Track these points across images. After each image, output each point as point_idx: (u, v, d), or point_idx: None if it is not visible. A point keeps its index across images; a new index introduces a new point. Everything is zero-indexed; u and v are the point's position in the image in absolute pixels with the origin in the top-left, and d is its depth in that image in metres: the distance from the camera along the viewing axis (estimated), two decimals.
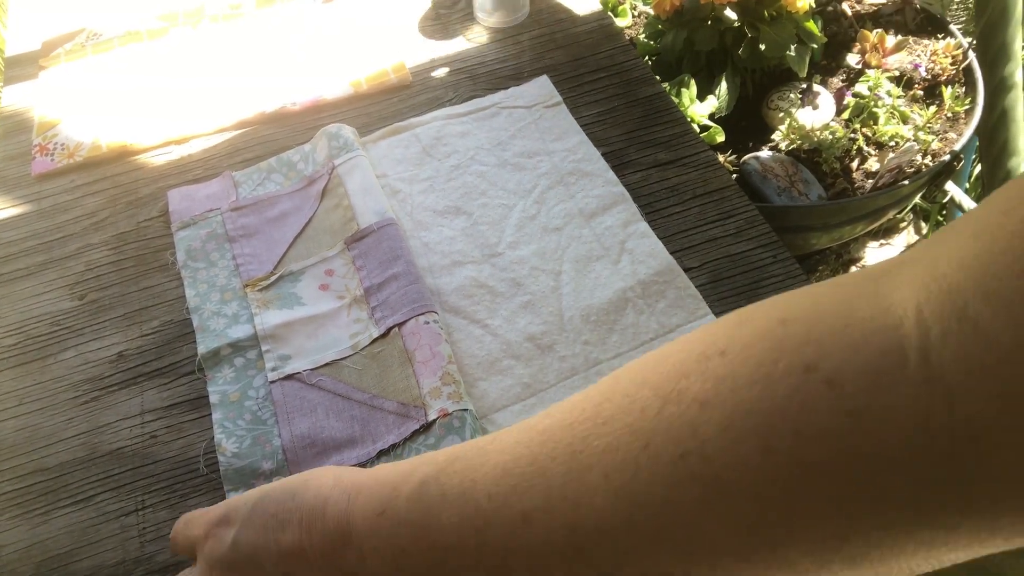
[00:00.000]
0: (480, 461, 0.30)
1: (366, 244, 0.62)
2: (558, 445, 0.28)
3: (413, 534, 0.31)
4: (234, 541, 0.37)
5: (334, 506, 0.35)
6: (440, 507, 0.30)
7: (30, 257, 0.65)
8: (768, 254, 0.62)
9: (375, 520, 0.33)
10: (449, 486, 0.30)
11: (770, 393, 0.22)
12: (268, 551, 0.36)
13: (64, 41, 0.83)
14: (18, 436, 0.55)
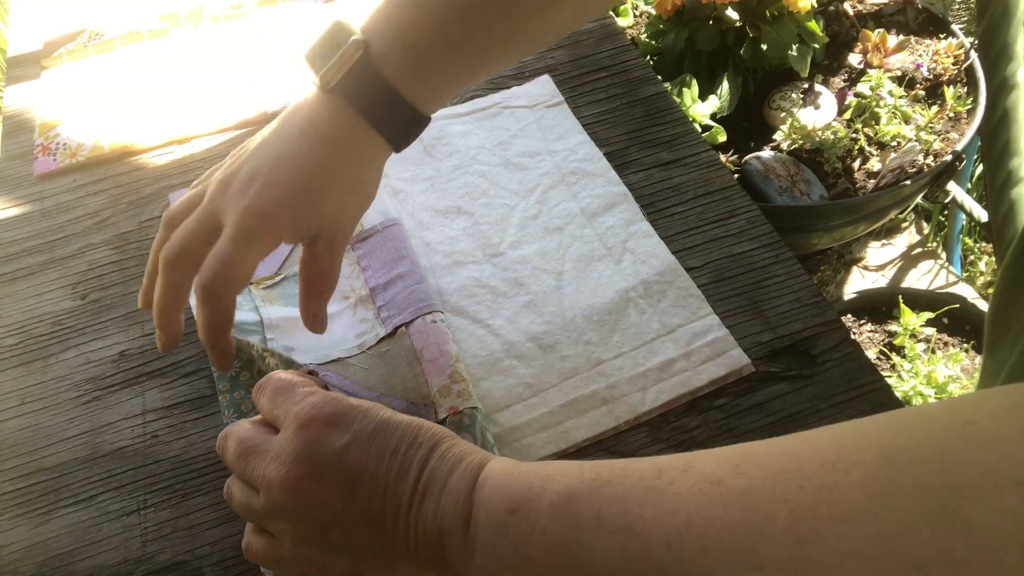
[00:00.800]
0: (649, 497, 0.28)
1: (371, 244, 0.62)
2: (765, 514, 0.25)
3: (549, 548, 0.30)
4: (342, 450, 0.35)
5: (459, 482, 0.34)
6: (595, 532, 0.29)
7: (32, 257, 0.66)
8: (770, 254, 0.62)
9: (503, 517, 0.31)
10: (608, 513, 0.29)
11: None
12: (375, 484, 0.34)
13: (66, 41, 0.83)
14: (20, 435, 0.55)
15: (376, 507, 0.34)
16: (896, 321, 1.15)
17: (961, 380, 1.07)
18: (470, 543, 0.32)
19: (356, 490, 0.35)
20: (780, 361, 0.56)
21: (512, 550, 0.31)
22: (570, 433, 0.53)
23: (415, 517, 0.34)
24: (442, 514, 0.33)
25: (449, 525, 0.33)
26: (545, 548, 0.30)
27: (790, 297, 0.59)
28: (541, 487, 0.31)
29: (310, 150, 0.43)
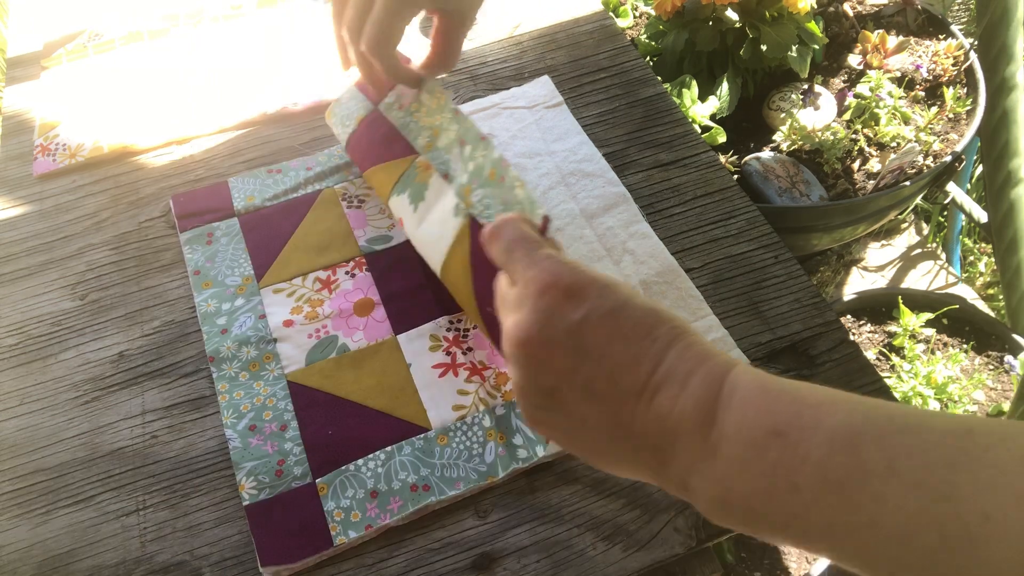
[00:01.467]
0: (959, 460, 0.26)
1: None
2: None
3: (822, 481, 0.28)
4: (574, 325, 0.35)
5: (700, 386, 0.33)
6: (885, 480, 0.27)
7: (31, 257, 0.66)
8: (770, 255, 0.62)
9: (764, 437, 0.30)
10: (905, 466, 0.27)
11: None
12: (601, 365, 0.34)
13: (66, 41, 0.83)
14: (19, 436, 0.55)
15: (599, 388, 0.34)
16: (895, 322, 1.15)
17: (961, 381, 1.07)
18: (710, 449, 0.32)
19: (581, 366, 0.35)
20: (779, 362, 0.56)
21: (771, 472, 0.30)
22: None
23: (644, 409, 0.33)
24: (679, 413, 0.33)
25: (687, 427, 0.32)
26: (818, 480, 0.29)
27: (789, 298, 0.59)
28: (814, 417, 0.30)
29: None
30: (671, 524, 0.49)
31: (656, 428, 0.33)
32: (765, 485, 0.30)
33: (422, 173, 0.56)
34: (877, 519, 0.27)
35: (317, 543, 0.49)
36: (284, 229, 0.65)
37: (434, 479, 0.51)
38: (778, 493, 0.30)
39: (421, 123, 0.58)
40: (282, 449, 0.52)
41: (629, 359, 0.34)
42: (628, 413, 0.34)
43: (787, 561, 1.12)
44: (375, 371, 0.56)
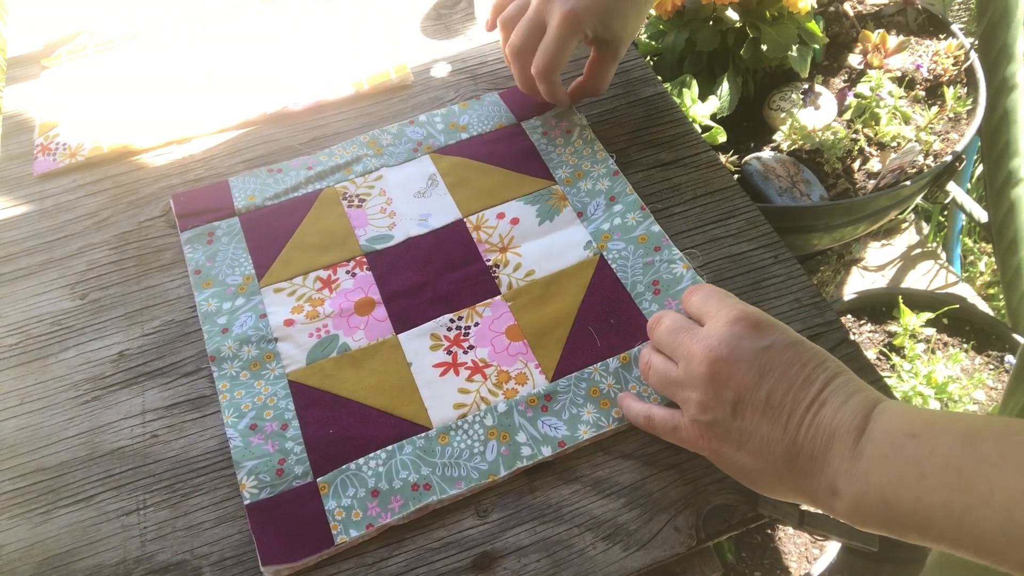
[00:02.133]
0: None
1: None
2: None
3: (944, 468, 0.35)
4: (761, 350, 0.43)
5: (857, 404, 0.40)
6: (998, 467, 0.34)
7: (31, 256, 0.66)
8: (770, 254, 0.62)
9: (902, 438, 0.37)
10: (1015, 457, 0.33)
11: None
12: (781, 382, 0.42)
13: (66, 41, 0.83)
14: (19, 435, 0.55)
15: (776, 400, 0.42)
16: (896, 321, 1.15)
17: (961, 380, 1.07)
18: (858, 452, 0.39)
19: (763, 383, 0.42)
20: None
21: (904, 464, 0.37)
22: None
23: (811, 418, 0.41)
24: (838, 422, 0.40)
25: (842, 433, 0.40)
26: (940, 468, 0.35)
27: (789, 297, 0.59)
28: (945, 423, 0.37)
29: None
30: (671, 524, 0.49)
31: (817, 436, 0.40)
32: (898, 475, 0.37)
33: (557, 201, 0.65)
34: (988, 499, 0.33)
35: (318, 542, 0.49)
36: (285, 228, 0.65)
37: (435, 478, 0.51)
38: (908, 480, 0.36)
39: (564, 157, 0.68)
40: (283, 448, 0.53)
41: (804, 379, 0.42)
42: (796, 424, 0.41)
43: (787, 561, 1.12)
44: (376, 370, 0.56)
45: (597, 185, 0.65)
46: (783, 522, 0.50)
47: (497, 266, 0.61)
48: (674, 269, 0.59)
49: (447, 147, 0.70)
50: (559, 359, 0.56)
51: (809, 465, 0.41)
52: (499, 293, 0.60)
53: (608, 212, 0.64)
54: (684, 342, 0.46)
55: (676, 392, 0.47)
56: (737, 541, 1.14)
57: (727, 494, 0.50)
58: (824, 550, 1.10)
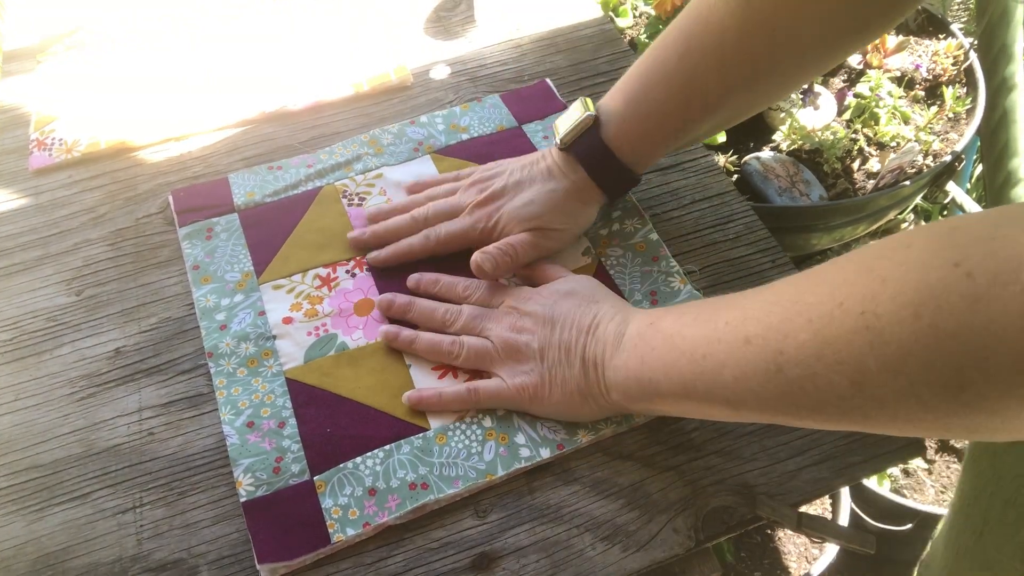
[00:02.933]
0: (723, 303, 0.43)
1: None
2: (781, 297, 0.39)
3: (662, 341, 0.46)
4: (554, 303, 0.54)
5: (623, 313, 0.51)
6: (691, 323, 0.44)
7: (26, 252, 0.65)
8: (767, 259, 0.62)
9: (645, 327, 0.48)
10: (701, 314, 0.44)
11: (927, 277, 0.32)
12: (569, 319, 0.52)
13: (63, 36, 0.83)
14: (13, 432, 0.55)
15: (566, 337, 0.51)
16: None
17: None
18: (619, 350, 0.48)
19: (555, 328, 0.52)
20: None
21: (643, 345, 0.47)
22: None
23: (590, 339, 0.50)
24: (607, 334, 0.50)
25: (610, 341, 0.49)
26: (661, 339, 0.46)
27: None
28: (674, 309, 0.47)
29: (552, 190, 0.59)
30: (670, 524, 0.49)
31: (596, 352, 0.50)
32: (640, 355, 0.47)
33: None
34: (683, 350, 0.44)
35: (315, 541, 0.48)
36: (284, 225, 0.64)
37: (432, 478, 0.51)
38: (646, 356, 0.46)
39: None
40: (280, 446, 0.52)
41: (581, 313, 0.52)
42: (581, 350, 0.51)
43: (787, 561, 1.13)
44: (374, 370, 0.56)
45: None
46: (781, 524, 0.50)
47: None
48: (672, 283, 0.60)
49: (448, 147, 0.69)
50: None
51: (595, 375, 0.49)
52: None
53: (607, 217, 0.64)
54: (489, 322, 0.55)
55: (492, 362, 0.54)
56: (737, 541, 1.14)
57: (726, 496, 0.50)
58: (824, 550, 1.10)
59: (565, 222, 0.60)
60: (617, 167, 0.59)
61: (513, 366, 0.53)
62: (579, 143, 0.58)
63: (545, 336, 0.52)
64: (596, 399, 0.50)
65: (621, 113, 0.58)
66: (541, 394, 0.52)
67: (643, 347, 0.47)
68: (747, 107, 0.60)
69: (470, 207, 0.61)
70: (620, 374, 0.48)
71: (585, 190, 0.60)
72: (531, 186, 0.60)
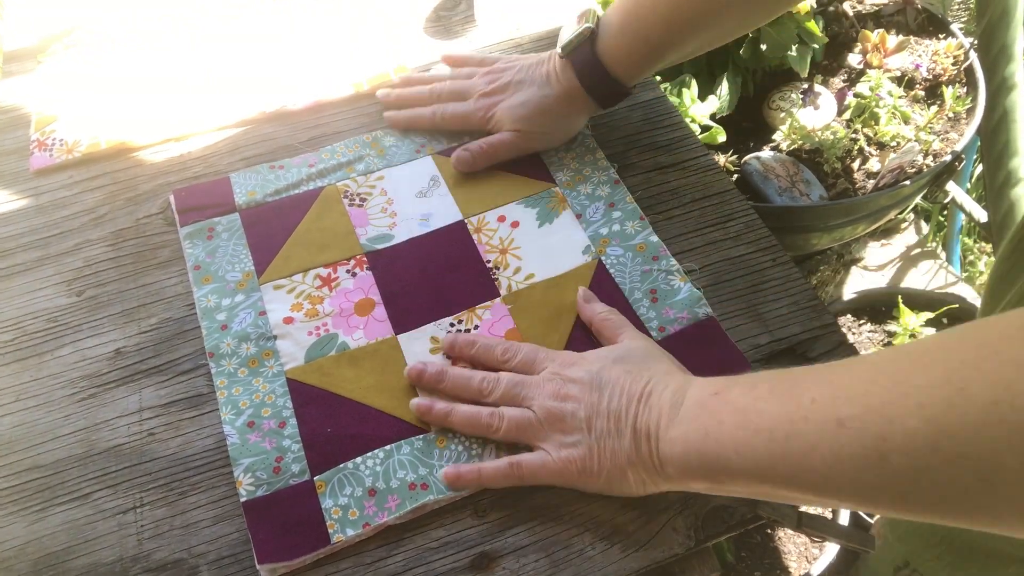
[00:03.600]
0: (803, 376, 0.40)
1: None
2: (878, 375, 0.35)
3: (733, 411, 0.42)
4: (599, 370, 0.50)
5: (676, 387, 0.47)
6: (766, 402, 0.40)
7: (27, 253, 0.65)
8: (767, 258, 0.62)
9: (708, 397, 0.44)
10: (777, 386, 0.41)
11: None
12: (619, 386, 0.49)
13: (63, 36, 0.83)
14: (14, 432, 0.55)
15: (615, 404, 0.48)
16: (896, 321, 1.15)
17: None
18: (677, 421, 0.45)
19: (603, 395, 0.49)
20: (778, 363, 0.56)
21: (707, 417, 0.43)
22: None
23: (642, 409, 0.47)
24: (662, 403, 0.46)
25: (665, 411, 0.46)
26: (730, 412, 0.42)
27: (787, 300, 0.59)
28: (739, 379, 0.44)
29: (544, 95, 0.65)
30: (669, 524, 0.49)
31: (649, 422, 0.46)
32: (703, 427, 0.43)
33: (557, 203, 0.65)
34: (759, 427, 0.40)
35: (314, 541, 0.48)
36: (285, 225, 0.64)
37: (432, 479, 0.51)
38: (711, 429, 0.43)
39: (565, 161, 0.68)
40: (280, 446, 0.52)
41: (632, 380, 0.49)
42: (632, 420, 0.47)
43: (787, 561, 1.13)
44: (375, 370, 0.56)
45: (597, 190, 0.66)
46: (781, 524, 0.50)
47: (497, 268, 0.61)
48: (672, 281, 0.60)
49: (449, 149, 0.69)
50: None
51: (647, 446, 0.46)
52: (499, 295, 0.60)
53: (607, 217, 0.64)
54: (531, 390, 0.51)
55: (535, 433, 0.50)
56: (737, 541, 1.14)
57: (725, 496, 0.50)
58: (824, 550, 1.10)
59: (551, 126, 0.66)
60: (607, 78, 0.63)
61: (558, 437, 0.49)
62: (575, 53, 0.63)
63: (592, 404, 0.48)
64: (648, 473, 0.46)
65: (614, 28, 0.62)
66: (589, 467, 0.48)
67: (707, 420, 0.43)
68: (727, 30, 0.63)
69: (477, 95, 0.68)
70: (678, 447, 0.44)
71: (576, 98, 0.65)
72: (529, 87, 0.66)
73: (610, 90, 0.64)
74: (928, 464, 0.32)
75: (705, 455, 0.43)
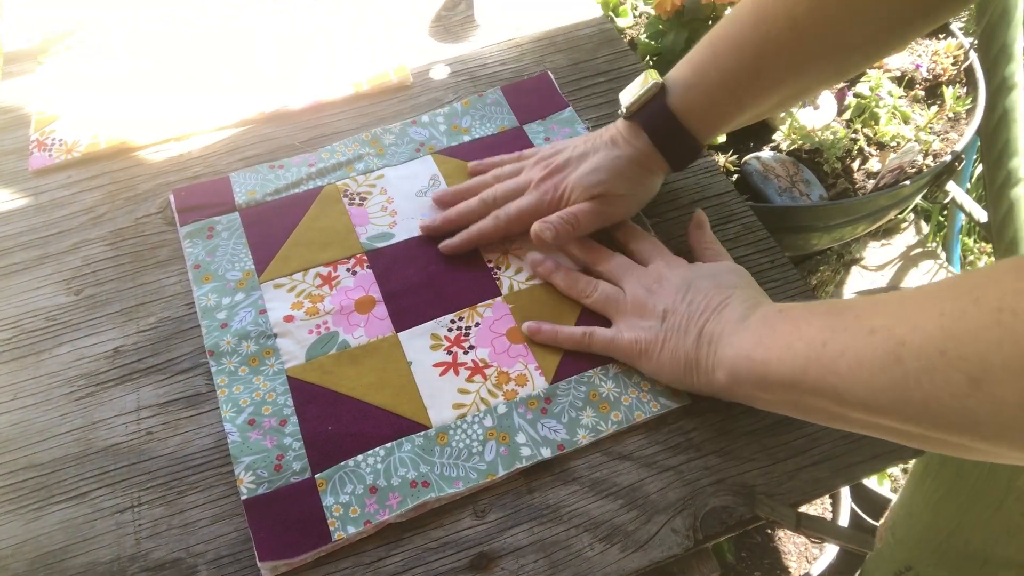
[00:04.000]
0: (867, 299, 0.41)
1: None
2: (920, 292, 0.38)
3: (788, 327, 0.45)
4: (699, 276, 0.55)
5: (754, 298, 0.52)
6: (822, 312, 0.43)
7: (26, 252, 0.65)
8: (766, 259, 0.62)
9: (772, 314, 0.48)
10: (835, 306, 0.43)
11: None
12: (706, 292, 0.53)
13: (63, 37, 0.83)
14: (12, 431, 0.55)
15: (693, 307, 0.52)
16: None
17: None
18: (740, 328, 0.49)
19: (687, 296, 0.53)
20: None
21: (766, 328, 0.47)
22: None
23: (714, 315, 0.51)
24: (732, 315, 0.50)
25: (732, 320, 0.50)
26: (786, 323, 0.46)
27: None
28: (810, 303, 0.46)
29: (616, 157, 0.60)
30: (669, 525, 0.49)
31: (715, 329, 0.50)
32: (759, 336, 0.47)
33: None
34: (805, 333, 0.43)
35: (316, 538, 0.48)
36: (285, 224, 0.64)
37: (433, 476, 0.51)
38: (765, 338, 0.46)
39: None
40: (281, 444, 0.52)
41: (716, 291, 0.53)
42: (701, 323, 0.51)
43: (787, 561, 1.12)
44: (375, 368, 0.56)
45: None
46: (780, 524, 0.50)
47: (498, 267, 0.61)
48: None
49: (449, 149, 0.69)
50: (559, 362, 0.56)
51: (707, 349, 0.50)
52: (500, 294, 0.59)
53: None
54: (635, 274, 0.57)
55: (618, 310, 0.56)
56: (737, 541, 1.14)
57: (725, 495, 0.50)
58: (824, 550, 1.10)
59: (629, 188, 0.60)
60: (681, 134, 0.59)
61: (634, 320, 0.55)
62: (644, 111, 0.59)
63: (673, 302, 0.53)
64: (700, 374, 0.51)
65: (688, 81, 0.58)
66: (651, 352, 0.53)
67: (764, 329, 0.47)
68: (817, 81, 0.59)
69: (535, 182, 0.62)
70: (732, 351, 0.48)
71: (648, 158, 0.60)
72: (595, 155, 0.61)
73: (685, 147, 0.59)
74: (933, 365, 0.35)
75: (753, 360, 0.46)
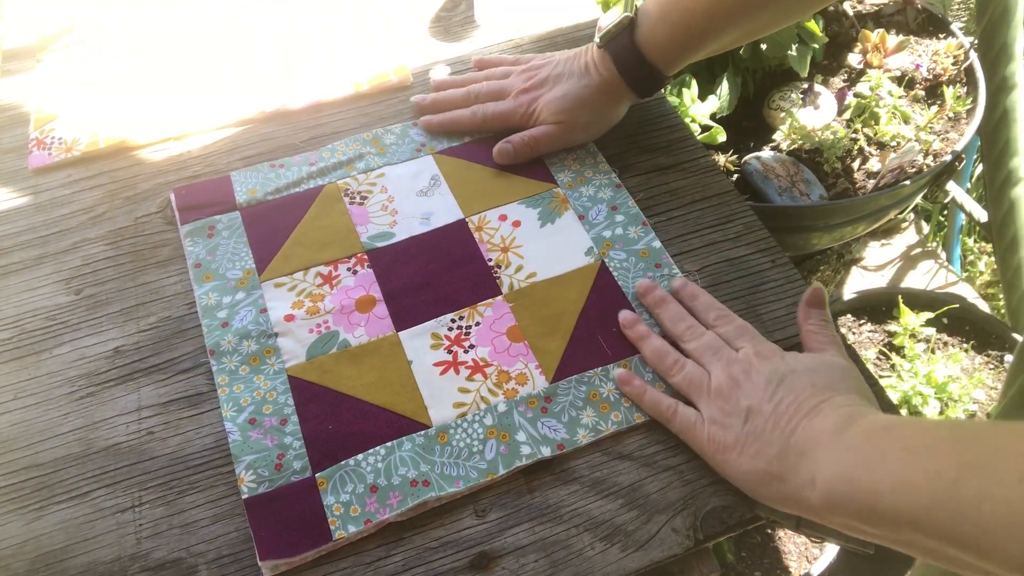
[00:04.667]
0: (993, 426, 0.40)
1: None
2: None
3: (899, 451, 0.40)
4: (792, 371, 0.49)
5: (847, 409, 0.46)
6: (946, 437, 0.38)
7: (25, 251, 0.65)
8: (767, 259, 0.62)
9: (879, 431, 0.42)
10: (958, 429, 0.39)
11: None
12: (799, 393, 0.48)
13: (63, 35, 0.83)
14: (12, 431, 0.55)
15: (782, 408, 0.47)
16: (896, 321, 1.15)
17: (960, 380, 1.07)
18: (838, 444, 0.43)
19: (776, 394, 0.48)
20: None
21: (871, 449, 0.41)
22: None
23: (806, 422, 0.46)
24: (828, 425, 0.45)
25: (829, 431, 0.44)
26: (897, 450, 0.40)
27: (786, 301, 0.59)
28: (919, 419, 0.43)
29: (584, 86, 0.66)
30: (669, 524, 0.49)
31: (808, 437, 0.45)
32: (864, 457, 0.41)
33: (559, 204, 0.65)
34: (928, 464, 0.37)
35: (316, 537, 0.48)
36: (286, 223, 0.64)
37: (434, 475, 0.51)
38: (871, 461, 0.40)
39: (566, 163, 0.68)
40: (282, 443, 0.52)
41: (810, 393, 0.47)
42: (792, 428, 0.46)
43: (787, 561, 1.12)
44: (376, 367, 0.56)
45: (599, 193, 0.66)
46: (781, 524, 0.50)
47: (499, 266, 0.61)
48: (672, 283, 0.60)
49: (450, 148, 0.69)
50: (560, 361, 0.56)
51: (796, 462, 0.45)
52: (500, 293, 0.59)
53: (610, 220, 0.64)
54: (723, 359, 0.52)
55: (701, 395, 0.51)
56: (737, 541, 1.14)
57: (725, 495, 0.50)
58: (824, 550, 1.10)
59: (592, 117, 0.67)
60: (645, 67, 0.64)
61: (717, 411, 0.50)
62: (613, 43, 0.64)
63: (760, 400, 0.48)
64: (786, 490, 0.45)
65: (653, 16, 0.63)
66: (729, 457, 0.48)
67: (870, 450, 0.41)
68: (763, 25, 0.64)
69: (516, 92, 0.68)
70: (829, 471, 0.42)
71: (615, 88, 0.65)
72: (568, 80, 0.66)
73: (649, 78, 0.65)
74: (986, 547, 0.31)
75: (857, 485, 0.40)
